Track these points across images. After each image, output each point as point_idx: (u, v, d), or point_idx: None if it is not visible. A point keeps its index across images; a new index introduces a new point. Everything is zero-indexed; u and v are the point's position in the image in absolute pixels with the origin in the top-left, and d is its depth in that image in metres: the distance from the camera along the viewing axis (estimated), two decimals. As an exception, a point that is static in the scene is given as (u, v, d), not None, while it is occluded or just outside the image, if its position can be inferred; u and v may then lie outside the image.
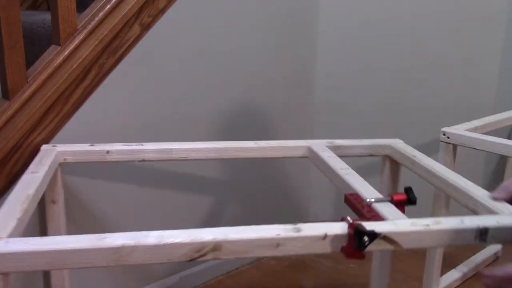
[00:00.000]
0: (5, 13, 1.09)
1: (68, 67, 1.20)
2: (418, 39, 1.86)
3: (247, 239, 0.75)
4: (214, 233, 0.75)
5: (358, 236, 0.74)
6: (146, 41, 1.35)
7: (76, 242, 0.72)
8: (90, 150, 1.17)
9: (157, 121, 1.43)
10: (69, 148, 1.16)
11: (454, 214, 0.88)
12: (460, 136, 1.46)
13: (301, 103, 1.85)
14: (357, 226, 0.74)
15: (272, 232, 0.76)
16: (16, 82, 1.13)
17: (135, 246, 0.72)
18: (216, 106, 1.57)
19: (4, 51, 1.10)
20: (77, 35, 1.21)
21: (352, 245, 0.75)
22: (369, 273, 1.40)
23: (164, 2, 1.36)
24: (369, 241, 0.74)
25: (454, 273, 1.72)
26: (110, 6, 1.25)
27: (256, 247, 0.76)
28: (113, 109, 1.33)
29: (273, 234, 0.76)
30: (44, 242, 0.72)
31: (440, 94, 1.90)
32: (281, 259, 1.85)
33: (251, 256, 0.75)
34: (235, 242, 0.75)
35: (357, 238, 0.74)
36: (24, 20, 1.48)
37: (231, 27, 1.57)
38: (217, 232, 0.75)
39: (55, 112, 1.20)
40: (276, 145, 1.27)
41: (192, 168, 1.55)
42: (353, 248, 0.75)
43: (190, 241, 0.73)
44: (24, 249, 0.70)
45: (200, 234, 0.74)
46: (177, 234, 0.74)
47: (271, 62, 1.72)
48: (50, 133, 1.21)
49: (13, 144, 1.13)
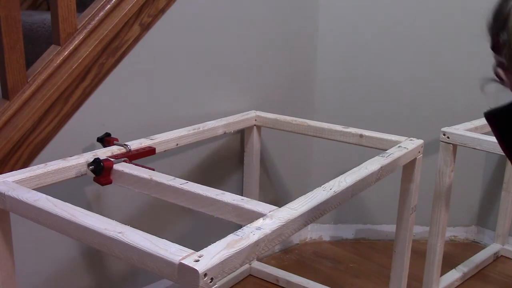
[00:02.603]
0: (5, 13, 1.09)
1: (68, 67, 1.20)
2: (418, 39, 1.85)
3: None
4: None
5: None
6: (146, 41, 1.35)
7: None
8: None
9: (157, 121, 1.42)
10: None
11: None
12: (460, 136, 1.46)
13: (301, 103, 1.85)
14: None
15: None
16: (16, 82, 1.13)
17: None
18: (216, 106, 1.58)
19: (4, 51, 1.10)
20: (77, 35, 1.21)
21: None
22: (368, 273, 1.40)
23: (164, 2, 1.36)
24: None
25: (454, 273, 1.73)
26: (110, 6, 1.25)
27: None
28: (113, 109, 1.33)
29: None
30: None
31: (440, 94, 1.90)
32: (281, 259, 1.86)
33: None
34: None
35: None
36: (24, 20, 1.48)
37: (231, 27, 1.57)
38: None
39: (55, 112, 1.20)
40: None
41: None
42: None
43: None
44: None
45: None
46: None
47: (271, 62, 1.72)
48: (50, 133, 1.21)
49: (13, 144, 1.13)
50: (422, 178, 1.38)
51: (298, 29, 1.78)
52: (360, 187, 1.09)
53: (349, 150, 1.84)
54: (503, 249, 1.92)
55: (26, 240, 1.21)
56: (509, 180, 1.88)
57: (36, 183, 1.03)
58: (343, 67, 1.87)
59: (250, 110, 1.64)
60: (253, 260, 1.66)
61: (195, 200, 0.98)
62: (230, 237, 0.78)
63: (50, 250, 1.26)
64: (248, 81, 1.67)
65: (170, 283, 1.56)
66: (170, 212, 1.52)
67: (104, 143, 1.24)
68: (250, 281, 1.70)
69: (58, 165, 1.07)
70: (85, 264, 1.35)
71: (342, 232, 2.01)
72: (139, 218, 1.44)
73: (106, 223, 0.83)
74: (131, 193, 1.39)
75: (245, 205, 0.93)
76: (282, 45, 1.74)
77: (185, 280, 0.71)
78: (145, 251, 0.75)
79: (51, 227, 0.89)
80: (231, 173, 1.68)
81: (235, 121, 1.51)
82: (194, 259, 0.72)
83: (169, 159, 1.45)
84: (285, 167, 1.86)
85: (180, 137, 1.33)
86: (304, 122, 1.50)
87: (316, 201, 0.95)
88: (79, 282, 1.35)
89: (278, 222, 0.85)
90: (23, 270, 1.21)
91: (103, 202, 1.36)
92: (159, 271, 0.74)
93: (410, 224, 1.37)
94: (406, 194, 1.35)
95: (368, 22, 1.84)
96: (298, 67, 1.81)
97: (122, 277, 1.45)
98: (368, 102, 1.90)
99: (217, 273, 0.72)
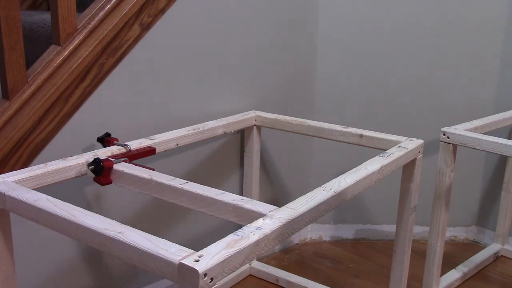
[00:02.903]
0: (5, 13, 1.09)
1: (68, 67, 1.20)
2: (418, 39, 1.85)
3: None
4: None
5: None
6: (146, 41, 1.35)
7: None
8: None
9: (157, 121, 1.42)
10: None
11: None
12: (460, 136, 1.46)
13: (301, 103, 1.85)
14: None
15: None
16: (16, 82, 1.13)
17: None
18: (216, 106, 1.58)
19: (4, 51, 1.10)
20: (77, 35, 1.21)
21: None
22: (368, 273, 1.40)
23: (164, 2, 1.36)
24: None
25: (454, 273, 1.72)
26: (110, 6, 1.25)
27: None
28: (113, 109, 1.33)
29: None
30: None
31: (440, 94, 1.90)
32: (281, 259, 1.85)
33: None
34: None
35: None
36: (24, 20, 1.48)
37: (231, 27, 1.57)
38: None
39: (55, 112, 1.20)
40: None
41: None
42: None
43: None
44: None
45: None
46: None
47: (271, 62, 1.72)
48: (50, 133, 1.21)
49: (13, 144, 1.13)
50: (422, 178, 1.38)
51: (298, 29, 1.78)
52: (360, 187, 1.09)
53: (349, 150, 1.85)
54: (503, 249, 1.92)
55: (26, 240, 1.21)
56: (509, 180, 1.88)
57: (36, 183, 1.03)
58: (343, 67, 1.87)
59: (250, 110, 1.64)
60: (253, 260, 1.66)
61: (195, 200, 0.98)
62: (230, 237, 0.78)
63: (50, 250, 1.26)
64: (248, 81, 1.67)
65: (170, 283, 1.56)
66: (170, 212, 1.52)
67: (104, 143, 1.24)
68: (250, 281, 1.70)
69: (58, 165, 1.07)
70: (85, 264, 1.35)
71: (342, 232, 2.01)
72: (139, 218, 1.44)
73: (106, 223, 0.83)
74: (131, 193, 1.40)
75: (245, 205, 0.93)
76: (282, 45, 1.74)
77: (185, 280, 0.71)
78: (145, 251, 0.75)
79: (51, 227, 0.89)
80: (231, 173, 1.68)
81: (235, 121, 1.51)
82: (194, 259, 0.72)
83: (169, 159, 1.45)
84: (285, 167, 1.86)
85: (180, 137, 1.33)
86: (304, 122, 1.50)
87: (316, 201, 0.95)
88: (79, 282, 1.35)
89: (278, 222, 0.85)
90: (23, 270, 1.21)
91: (103, 202, 1.36)
92: (159, 271, 0.74)
93: (410, 224, 1.37)
94: (406, 194, 1.35)
95: (368, 22, 1.84)
96: (298, 67, 1.81)
97: (122, 277, 1.45)
98: (368, 102, 1.90)
99: (217, 273, 0.72)
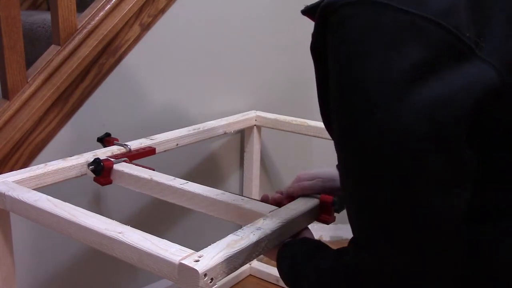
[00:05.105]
0: (5, 13, 1.09)
1: (68, 67, 1.20)
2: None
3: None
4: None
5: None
6: (146, 41, 1.35)
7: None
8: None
9: (157, 121, 1.42)
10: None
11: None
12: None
13: (301, 103, 1.85)
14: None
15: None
16: (16, 82, 1.13)
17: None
18: (216, 106, 1.58)
19: (4, 51, 1.10)
20: (77, 35, 1.21)
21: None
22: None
23: (164, 2, 1.36)
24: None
25: (454, 273, 1.72)
26: (110, 6, 1.25)
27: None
28: (113, 109, 1.33)
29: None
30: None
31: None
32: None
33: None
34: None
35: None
36: (24, 20, 1.48)
37: (231, 27, 1.57)
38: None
39: (55, 112, 1.20)
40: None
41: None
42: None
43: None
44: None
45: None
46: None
47: (271, 62, 1.72)
48: (50, 133, 1.21)
49: (13, 144, 1.13)
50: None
51: (298, 29, 1.78)
52: (360, 187, 1.08)
53: (349, 150, 1.84)
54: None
55: (26, 240, 1.21)
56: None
57: (36, 183, 1.03)
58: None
59: (250, 110, 1.64)
60: (253, 260, 1.65)
61: (195, 200, 0.98)
62: (230, 237, 0.78)
63: (50, 250, 1.26)
64: (248, 81, 1.67)
65: (170, 283, 1.56)
66: (170, 212, 1.52)
67: (104, 143, 1.24)
68: (250, 281, 1.70)
69: (58, 165, 1.07)
70: (85, 264, 1.35)
71: (342, 232, 2.01)
72: (139, 218, 1.44)
73: (106, 223, 0.83)
74: (131, 193, 1.39)
75: (245, 205, 0.93)
76: (282, 45, 1.74)
77: (185, 280, 0.71)
78: (145, 251, 0.75)
79: (51, 227, 0.89)
80: (231, 173, 1.68)
81: (235, 121, 1.51)
82: (194, 259, 0.72)
83: (169, 159, 1.45)
84: (285, 167, 1.86)
85: (180, 137, 1.33)
86: (304, 122, 1.50)
87: (316, 201, 0.95)
88: (79, 282, 1.35)
89: (278, 222, 0.85)
90: (23, 270, 1.21)
91: (103, 202, 1.36)
92: (159, 271, 0.74)
93: (410, 224, 1.36)
94: (406, 194, 1.35)
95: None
96: (298, 67, 1.81)
97: (122, 277, 1.45)
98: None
99: (217, 273, 0.72)
